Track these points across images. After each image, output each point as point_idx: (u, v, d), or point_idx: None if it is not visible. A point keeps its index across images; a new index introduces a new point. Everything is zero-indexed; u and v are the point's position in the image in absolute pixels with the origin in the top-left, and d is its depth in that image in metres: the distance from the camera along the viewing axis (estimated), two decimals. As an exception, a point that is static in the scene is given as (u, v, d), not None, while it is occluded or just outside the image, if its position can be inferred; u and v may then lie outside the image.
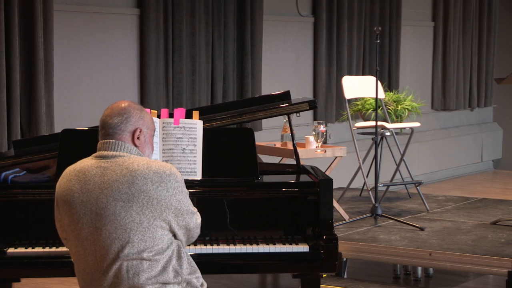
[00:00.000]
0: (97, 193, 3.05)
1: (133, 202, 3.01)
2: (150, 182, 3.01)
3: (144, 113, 3.20)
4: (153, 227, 3.02)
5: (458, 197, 7.22)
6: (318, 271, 3.81)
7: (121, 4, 6.81)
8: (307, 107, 4.35)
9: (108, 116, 3.15)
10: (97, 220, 3.05)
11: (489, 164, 11.26)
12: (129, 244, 3.01)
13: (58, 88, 6.20)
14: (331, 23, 8.55)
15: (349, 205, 6.52)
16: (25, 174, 3.97)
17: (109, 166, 3.08)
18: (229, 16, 7.45)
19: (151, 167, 3.04)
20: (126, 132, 3.12)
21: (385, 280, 5.63)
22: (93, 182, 3.07)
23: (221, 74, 7.43)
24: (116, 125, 3.12)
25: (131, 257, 3.01)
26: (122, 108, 3.15)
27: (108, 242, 3.03)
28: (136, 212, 3.01)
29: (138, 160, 3.07)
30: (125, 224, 3.01)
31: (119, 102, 3.18)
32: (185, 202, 3.11)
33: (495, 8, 10.87)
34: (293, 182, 4.02)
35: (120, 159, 3.08)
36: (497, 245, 5.22)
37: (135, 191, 3.01)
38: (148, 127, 3.19)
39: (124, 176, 3.03)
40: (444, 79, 10.24)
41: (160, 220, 3.04)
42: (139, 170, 3.03)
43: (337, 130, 8.65)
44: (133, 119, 3.14)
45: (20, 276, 3.80)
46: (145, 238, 3.01)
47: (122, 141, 3.12)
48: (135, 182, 3.01)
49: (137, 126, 3.14)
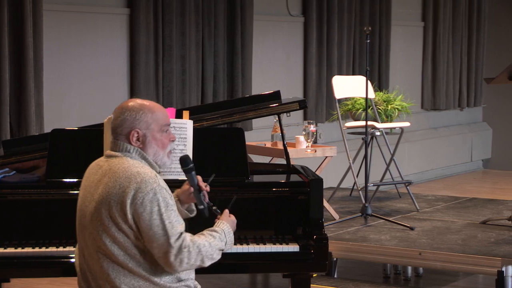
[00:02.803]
0: (87, 190, 3.08)
1: (102, 204, 2.99)
2: (119, 186, 2.98)
3: (144, 112, 3.09)
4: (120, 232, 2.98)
5: (448, 197, 7.24)
6: (308, 270, 3.81)
7: (111, 4, 6.80)
8: (297, 107, 4.35)
9: (112, 118, 3.14)
10: (83, 218, 3.08)
11: (478, 164, 11.29)
12: (102, 247, 2.99)
13: (48, 88, 6.18)
14: (321, 23, 8.55)
15: (339, 204, 6.53)
16: (15, 174, 3.96)
17: (102, 165, 3.09)
18: (219, 16, 7.44)
19: (126, 172, 2.99)
20: (123, 135, 3.10)
21: (375, 280, 5.63)
22: (90, 179, 3.10)
23: (211, 74, 7.43)
24: (114, 128, 3.12)
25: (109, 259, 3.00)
26: (119, 110, 3.11)
27: (89, 242, 3.04)
28: (105, 215, 2.98)
29: (123, 163, 3.04)
30: (97, 226, 3.00)
31: (124, 102, 3.14)
32: (144, 218, 2.94)
33: (484, 9, 10.90)
34: (283, 182, 4.02)
35: (114, 160, 3.07)
36: (486, 244, 5.23)
37: (105, 193, 2.99)
38: (148, 126, 3.09)
39: (104, 177, 3.03)
40: (434, 79, 10.26)
41: (127, 226, 2.98)
42: (116, 172, 3.00)
43: (327, 130, 8.66)
44: (129, 121, 3.08)
45: (10, 276, 3.79)
46: (116, 241, 2.98)
47: (121, 142, 3.09)
48: (107, 184, 3.00)
49: (131, 129, 3.08)
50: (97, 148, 3.73)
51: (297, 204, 3.83)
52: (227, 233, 3.15)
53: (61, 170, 3.84)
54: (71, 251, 3.61)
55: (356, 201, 6.55)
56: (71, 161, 3.84)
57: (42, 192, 3.77)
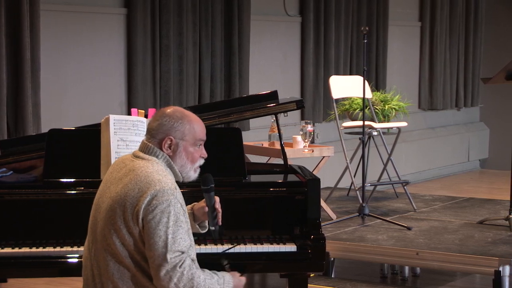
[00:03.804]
0: (107, 186, 3.08)
1: (117, 203, 2.99)
2: (138, 189, 2.97)
3: (183, 122, 3.09)
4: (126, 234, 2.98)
5: (445, 197, 7.24)
6: (305, 270, 3.81)
7: (108, 3, 6.80)
8: (295, 107, 4.36)
9: (150, 120, 3.15)
10: (98, 212, 3.09)
11: (475, 164, 11.30)
12: (111, 246, 2.99)
13: (45, 88, 6.18)
14: (319, 23, 8.56)
15: (337, 204, 6.53)
16: (12, 174, 3.96)
17: (128, 164, 3.09)
18: (216, 16, 7.44)
19: (148, 177, 2.99)
20: (156, 139, 3.09)
21: (373, 280, 5.64)
22: (113, 175, 3.10)
23: (209, 74, 7.42)
24: (150, 130, 3.12)
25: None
26: (161, 114, 3.12)
27: (100, 237, 3.03)
28: (119, 215, 2.98)
29: (148, 166, 3.03)
30: (109, 224, 3.00)
31: (167, 107, 3.14)
32: (151, 225, 2.93)
33: (481, 9, 10.92)
34: (280, 182, 4.02)
35: (139, 161, 3.07)
36: (483, 244, 5.24)
37: (123, 193, 2.99)
38: (183, 137, 3.09)
39: (126, 176, 3.03)
40: (431, 79, 10.27)
41: (137, 231, 2.98)
42: (138, 175, 3.00)
43: (325, 130, 8.66)
44: (165, 127, 3.08)
45: (7, 276, 3.79)
46: (125, 244, 2.98)
47: (152, 145, 3.09)
48: (127, 185, 3.00)
49: (167, 135, 3.07)
50: (95, 148, 3.73)
51: (295, 204, 3.83)
52: (226, 282, 3.13)
53: (58, 170, 3.84)
54: (68, 251, 3.61)
55: (353, 201, 6.55)
56: (68, 161, 3.84)
57: (39, 192, 3.77)
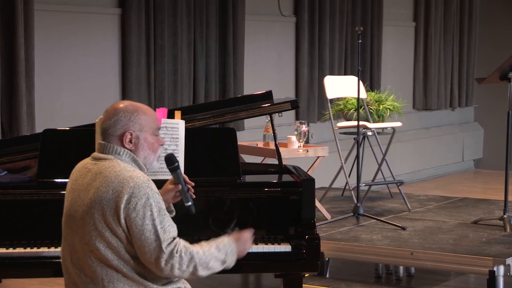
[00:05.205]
0: (76, 194, 3.04)
1: (94, 208, 2.96)
2: (111, 190, 2.95)
3: (139, 114, 3.07)
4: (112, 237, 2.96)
5: (439, 197, 7.25)
6: (300, 270, 3.81)
7: (103, 3, 6.79)
8: (289, 107, 4.36)
9: (103, 119, 3.11)
10: (72, 222, 3.03)
11: (470, 164, 11.31)
12: (95, 251, 2.97)
13: (39, 88, 6.17)
14: (313, 23, 8.56)
15: (331, 204, 6.53)
16: (6, 174, 3.96)
17: (91, 168, 3.05)
18: (211, 16, 7.44)
19: (118, 176, 2.96)
20: (115, 137, 3.06)
21: (367, 280, 5.64)
22: (79, 182, 3.06)
23: (203, 74, 7.42)
24: (105, 129, 3.07)
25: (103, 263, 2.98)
26: (112, 111, 3.08)
27: (79, 246, 3.00)
28: (98, 220, 2.95)
29: (114, 166, 3.00)
30: (89, 231, 2.97)
31: (115, 104, 3.11)
32: (137, 223, 2.91)
33: (475, 9, 10.93)
34: (275, 182, 4.02)
35: (103, 162, 3.03)
36: (478, 244, 5.24)
37: (97, 198, 2.95)
38: (142, 128, 3.07)
39: (94, 180, 2.99)
40: (426, 79, 10.28)
41: (120, 231, 2.95)
42: (107, 176, 2.97)
43: (319, 130, 8.66)
44: (122, 122, 3.05)
45: (1, 276, 3.79)
46: (110, 246, 2.95)
47: (111, 144, 3.06)
48: (99, 189, 2.96)
49: (125, 130, 3.05)
50: (89, 148, 3.72)
51: (289, 204, 3.83)
52: (227, 245, 3.09)
53: (52, 170, 3.83)
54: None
55: (348, 201, 6.56)
56: (63, 161, 3.83)
57: (34, 192, 3.76)
